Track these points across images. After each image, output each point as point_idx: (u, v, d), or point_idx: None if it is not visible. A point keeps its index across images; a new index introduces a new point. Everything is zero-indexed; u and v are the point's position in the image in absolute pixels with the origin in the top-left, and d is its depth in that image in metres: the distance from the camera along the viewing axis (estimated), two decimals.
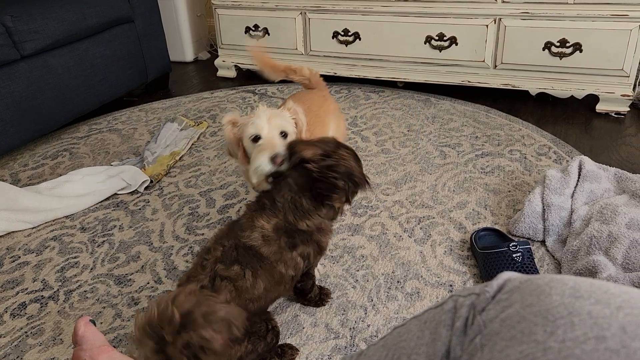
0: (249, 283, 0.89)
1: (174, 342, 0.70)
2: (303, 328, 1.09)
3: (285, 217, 0.96)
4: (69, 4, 2.00)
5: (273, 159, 1.03)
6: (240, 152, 1.14)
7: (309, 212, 0.97)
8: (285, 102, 1.23)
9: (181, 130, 2.00)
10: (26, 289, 1.26)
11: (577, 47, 1.94)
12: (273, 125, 1.09)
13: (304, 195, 0.97)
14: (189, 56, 3.10)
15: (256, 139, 1.09)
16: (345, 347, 1.04)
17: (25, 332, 1.13)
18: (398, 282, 1.20)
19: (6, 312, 1.19)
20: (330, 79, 2.54)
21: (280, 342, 1.05)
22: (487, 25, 2.05)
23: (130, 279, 1.27)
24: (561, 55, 1.98)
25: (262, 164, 1.03)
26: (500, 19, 2.03)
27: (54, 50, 1.97)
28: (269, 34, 2.50)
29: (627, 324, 0.37)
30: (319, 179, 0.95)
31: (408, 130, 1.95)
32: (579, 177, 1.39)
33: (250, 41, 2.56)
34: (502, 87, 2.13)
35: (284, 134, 1.10)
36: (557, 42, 1.96)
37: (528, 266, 1.15)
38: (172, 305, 0.71)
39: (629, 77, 1.92)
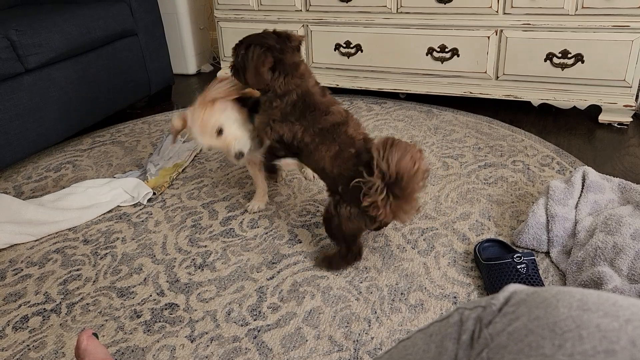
0: None
1: None
2: (306, 341, 1.08)
3: None
4: (72, 18, 2.02)
5: (236, 157, 1.34)
6: None
7: None
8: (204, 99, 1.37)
9: (184, 142, 2.01)
10: (28, 301, 1.26)
11: (579, 58, 1.94)
12: (209, 130, 1.32)
13: None
14: (192, 69, 3.11)
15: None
16: (349, 359, 1.03)
17: (27, 346, 1.12)
18: (402, 294, 1.19)
19: (8, 325, 1.19)
20: (332, 91, 2.55)
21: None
22: (488, 37, 2.06)
23: (132, 292, 1.26)
24: (563, 66, 1.98)
25: (234, 161, 1.38)
26: (501, 31, 2.04)
27: (58, 63, 1.98)
28: None
29: (637, 337, 0.36)
30: None
31: (410, 142, 1.95)
32: (582, 188, 1.38)
33: None
34: (504, 98, 2.13)
35: (220, 131, 1.33)
36: (559, 53, 1.97)
37: (533, 277, 1.15)
38: None
39: (631, 87, 1.92)
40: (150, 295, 1.25)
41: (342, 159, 1.19)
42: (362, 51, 2.33)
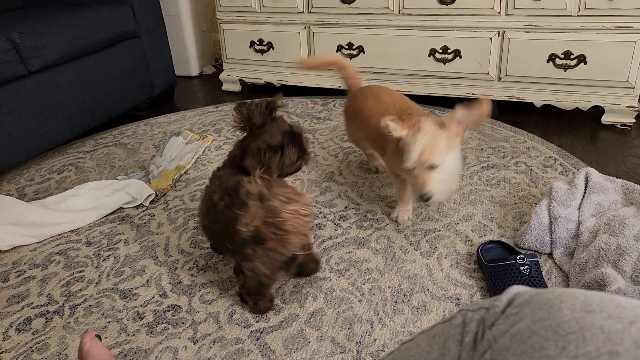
0: None
1: None
2: (309, 342, 1.08)
3: None
4: (75, 20, 2.02)
5: (421, 197, 1.21)
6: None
7: None
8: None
9: (186, 144, 2.01)
10: (31, 303, 1.26)
11: (582, 59, 1.94)
12: (423, 160, 1.20)
13: None
14: (194, 71, 3.12)
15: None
16: None
17: (31, 347, 1.12)
18: (404, 295, 1.19)
19: (11, 326, 1.19)
20: (335, 92, 2.55)
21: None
22: (491, 38, 2.06)
23: (135, 293, 1.27)
24: (566, 67, 1.98)
25: (415, 198, 1.28)
26: (504, 32, 2.03)
27: (61, 65, 1.99)
28: (273, 48, 2.52)
29: None
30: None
31: None
32: (585, 189, 1.38)
33: (254, 55, 2.58)
34: (506, 99, 2.13)
35: (431, 166, 1.21)
36: (562, 54, 1.96)
37: (536, 279, 1.14)
38: None
39: (634, 88, 1.91)
40: (153, 297, 1.25)
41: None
42: (364, 52, 2.33)
